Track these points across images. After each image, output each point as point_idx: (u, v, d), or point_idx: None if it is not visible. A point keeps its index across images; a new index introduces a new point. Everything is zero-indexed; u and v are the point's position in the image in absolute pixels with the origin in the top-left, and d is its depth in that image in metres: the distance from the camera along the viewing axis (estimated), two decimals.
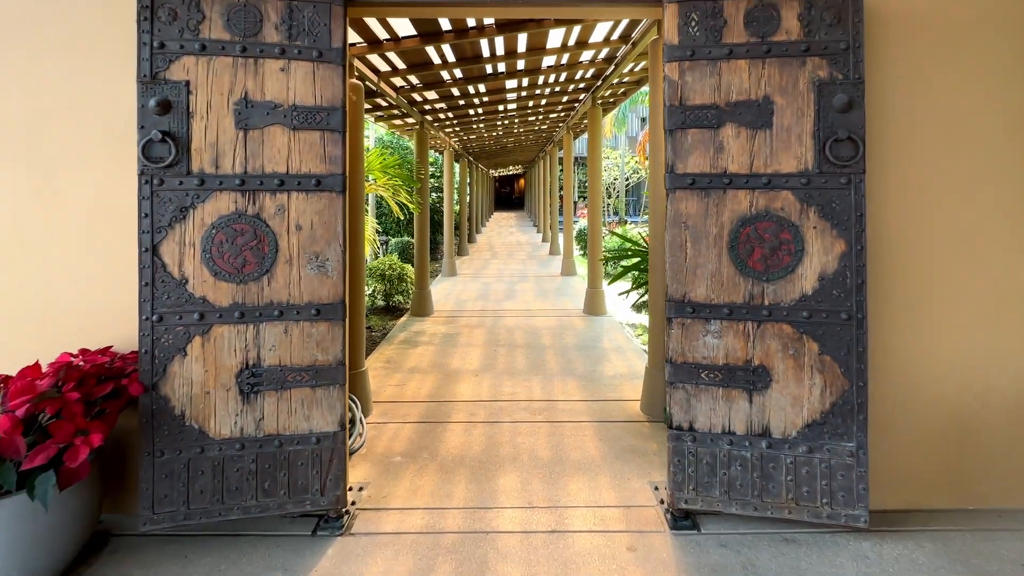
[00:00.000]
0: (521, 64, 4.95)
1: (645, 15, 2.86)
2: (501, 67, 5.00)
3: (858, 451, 2.15)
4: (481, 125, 9.10)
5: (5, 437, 1.73)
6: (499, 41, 4.13)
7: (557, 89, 6.42)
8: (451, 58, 4.45)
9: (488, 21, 3.72)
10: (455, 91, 5.72)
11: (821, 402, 2.19)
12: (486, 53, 4.40)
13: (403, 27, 3.63)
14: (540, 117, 8.83)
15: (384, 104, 5.95)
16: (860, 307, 2.17)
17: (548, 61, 4.98)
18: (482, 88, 5.85)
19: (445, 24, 3.71)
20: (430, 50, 4.13)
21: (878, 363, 2.33)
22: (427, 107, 6.46)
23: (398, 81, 5.01)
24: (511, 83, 5.76)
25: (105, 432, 1.93)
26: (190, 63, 2.07)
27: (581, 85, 6.18)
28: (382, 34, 3.60)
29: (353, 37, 3.61)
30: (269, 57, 2.12)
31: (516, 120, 9.07)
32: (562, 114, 8.51)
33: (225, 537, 2.24)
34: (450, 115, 7.31)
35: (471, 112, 7.42)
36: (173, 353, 2.16)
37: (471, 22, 3.71)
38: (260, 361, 2.23)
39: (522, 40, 4.17)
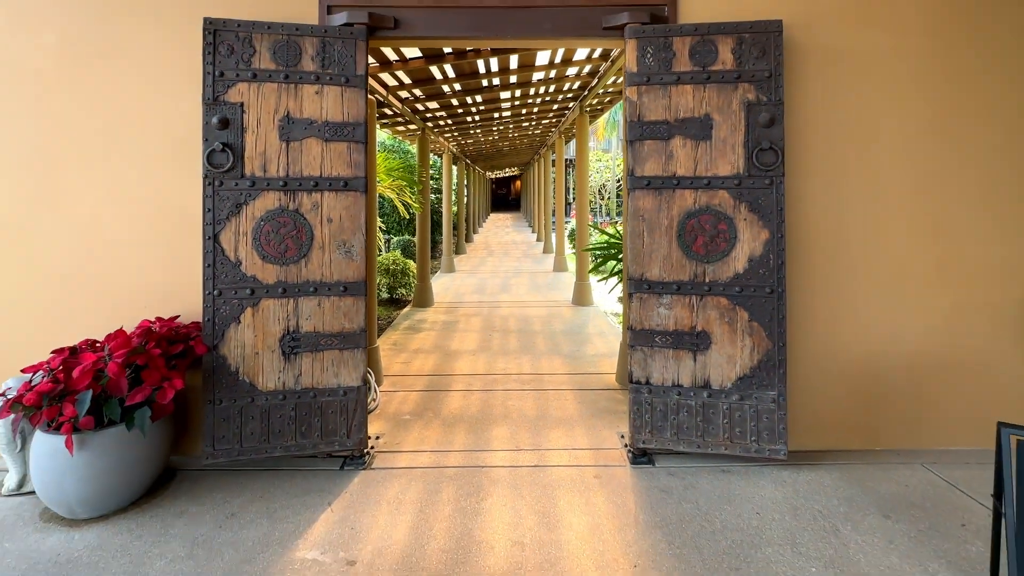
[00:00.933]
0: (514, 78, 5.51)
1: (613, 45, 3.39)
2: (496, 81, 5.55)
3: (779, 398, 2.69)
4: (478, 130, 9.65)
5: (114, 378, 2.25)
6: (494, 61, 4.68)
7: (547, 98, 6.98)
8: (451, 74, 5.00)
9: None
10: (454, 102, 6.27)
11: (750, 359, 2.73)
12: (482, 70, 4.95)
13: (410, 51, 4.17)
14: (533, 123, 9.39)
15: (390, 113, 6.49)
16: (781, 282, 2.71)
17: (538, 75, 5.54)
18: (479, 99, 6.40)
19: (447, 48, 4.26)
20: (433, 68, 4.68)
21: (797, 329, 2.87)
22: (428, 115, 7.00)
23: (403, 94, 5.56)
24: (505, 94, 6.31)
25: (183, 380, 2.46)
26: (244, 88, 2.61)
27: (569, 95, 6.74)
28: (392, 56, 4.15)
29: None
30: (306, 83, 2.65)
31: (511, 126, 9.63)
32: (553, 120, 9.06)
33: (270, 471, 2.77)
34: (449, 122, 7.86)
35: (469, 119, 7.97)
36: (230, 321, 2.69)
37: (469, 47, 4.26)
38: (299, 328, 2.75)
39: (514, 59, 4.73)
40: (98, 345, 2.56)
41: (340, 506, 2.47)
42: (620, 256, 4.89)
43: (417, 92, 5.55)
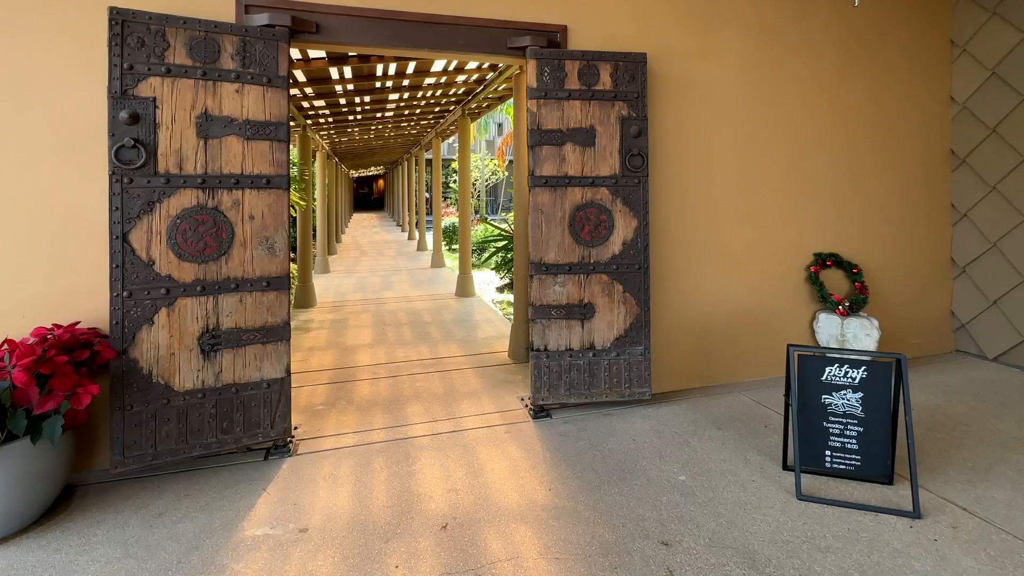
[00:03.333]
0: (406, 82, 5.74)
1: (516, 63, 3.88)
2: (389, 83, 5.73)
3: (645, 352, 3.44)
4: (356, 129, 9.53)
5: (21, 387, 2.13)
6: (393, 65, 4.89)
7: (432, 101, 7.28)
8: (348, 75, 5.08)
9: None
10: (343, 101, 6.27)
11: (625, 323, 3.43)
12: (380, 73, 5.11)
13: (315, 51, 4.20)
14: (412, 123, 9.57)
15: None
16: (646, 261, 3.44)
17: (430, 80, 5.84)
18: (367, 99, 6.48)
19: (352, 52, 4.38)
20: (332, 70, 4.73)
21: (658, 297, 3.67)
22: (311, 112, 6.85)
23: (294, 91, 5.45)
24: (394, 95, 6.48)
25: (97, 387, 2.34)
26: (156, 83, 2.56)
27: (453, 99, 7.13)
28: (296, 55, 4.14)
29: None
30: (226, 81, 2.69)
31: (390, 125, 9.69)
32: (432, 121, 9.36)
33: (189, 472, 2.73)
34: (331, 120, 7.74)
35: (351, 118, 7.92)
36: (142, 323, 2.60)
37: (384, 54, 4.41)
38: (219, 325, 2.76)
39: (412, 65, 4.99)
40: None
41: (276, 489, 2.59)
42: (506, 245, 5.45)
43: (308, 90, 5.48)
